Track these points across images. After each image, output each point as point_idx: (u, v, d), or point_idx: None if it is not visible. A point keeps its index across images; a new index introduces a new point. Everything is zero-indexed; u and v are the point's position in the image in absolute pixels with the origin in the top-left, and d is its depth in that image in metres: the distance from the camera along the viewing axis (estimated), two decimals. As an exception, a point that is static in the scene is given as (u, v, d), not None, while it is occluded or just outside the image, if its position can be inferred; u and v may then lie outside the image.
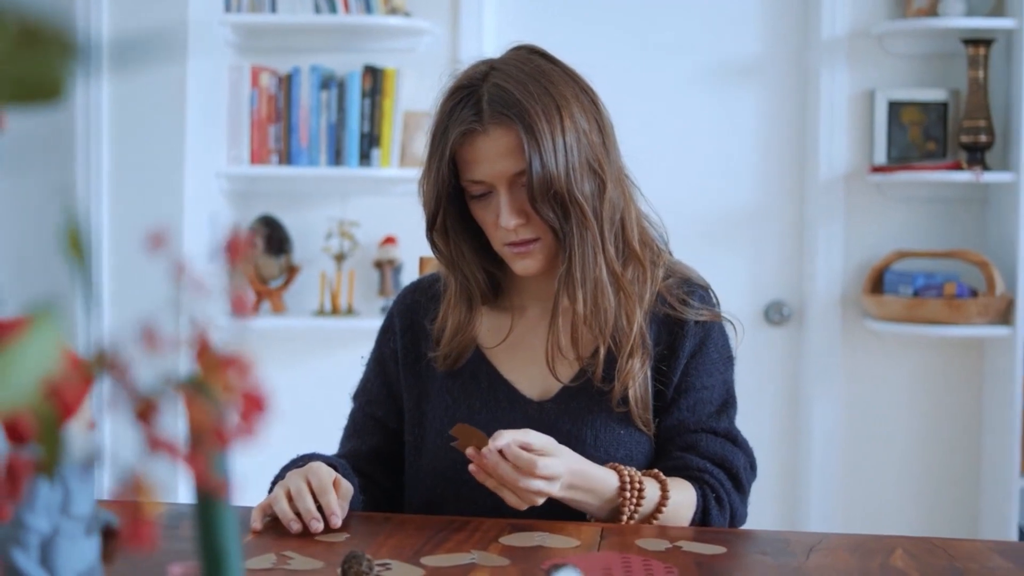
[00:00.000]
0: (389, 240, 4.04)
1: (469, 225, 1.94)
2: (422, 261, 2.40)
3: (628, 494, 1.78)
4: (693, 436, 1.92)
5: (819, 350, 4.01)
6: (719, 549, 1.65)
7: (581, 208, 1.84)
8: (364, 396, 2.06)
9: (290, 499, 1.71)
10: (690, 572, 1.54)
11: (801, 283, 4.07)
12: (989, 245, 3.91)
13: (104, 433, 3.43)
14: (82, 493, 0.97)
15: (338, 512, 1.69)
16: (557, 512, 1.79)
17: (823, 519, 3.99)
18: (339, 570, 1.45)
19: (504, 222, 1.84)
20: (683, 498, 1.83)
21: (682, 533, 1.74)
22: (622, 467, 1.81)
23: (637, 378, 1.89)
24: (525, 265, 1.90)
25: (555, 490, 1.71)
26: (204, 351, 0.60)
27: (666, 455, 1.92)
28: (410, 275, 3.95)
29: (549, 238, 1.88)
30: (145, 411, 0.62)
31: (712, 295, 2.01)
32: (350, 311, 4.03)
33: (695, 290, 1.98)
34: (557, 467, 1.70)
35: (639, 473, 1.81)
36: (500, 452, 1.68)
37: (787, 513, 4.05)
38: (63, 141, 3.79)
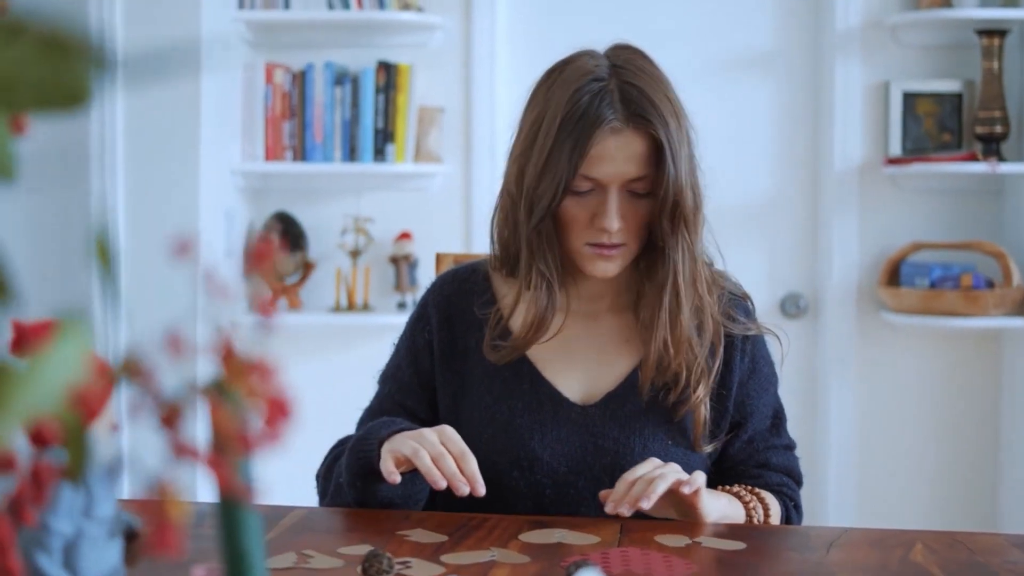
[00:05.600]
0: (404, 236, 4.04)
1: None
2: (439, 257, 2.39)
3: (755, 514, 1.83)
4: (764, 454, 1.97)
5: (835, 342, 4.00)
6: (739, 545, 1.65)
7: (687, 225, 1.82)
8: (394, 383, 2.00)
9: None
10: (711, 568, 1.54)
11: (817, 275, 4.07)
12: (1005, 236, 3.90)
13: (126, 438, 3.44)
14: (105, 496, 0.97)
15: (481, 480, 1.67)
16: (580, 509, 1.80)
17: (839, 512, 3.98)
18: (359, 568, 1.45)
19: (609, 224, 1.79)
20: (775, 512, 1.89)
21: (703, 529, 1.74)
22: (734, 488, 1.86)
23: (704, 403, 1.89)
24: (605, 267, 1.85)
25: (668, 472, 1.71)
26: (229, 356, 0.60)
27: (745, 475, 1.94)
28: (426, 271, 3.96)
29: (635, 246, 1.86)
30: (170, 417, 0.62)
31: (752, 306, 2.01)
32: (366, 307, 4.03)
33: (738, 303, 1.98)
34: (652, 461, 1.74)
35: (748, 491, 1.87)
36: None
37: (804, 505, 4.03)
38: (78, 142, 3.79)
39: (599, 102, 1.78)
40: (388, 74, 3.97)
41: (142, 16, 3.67)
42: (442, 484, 1.66)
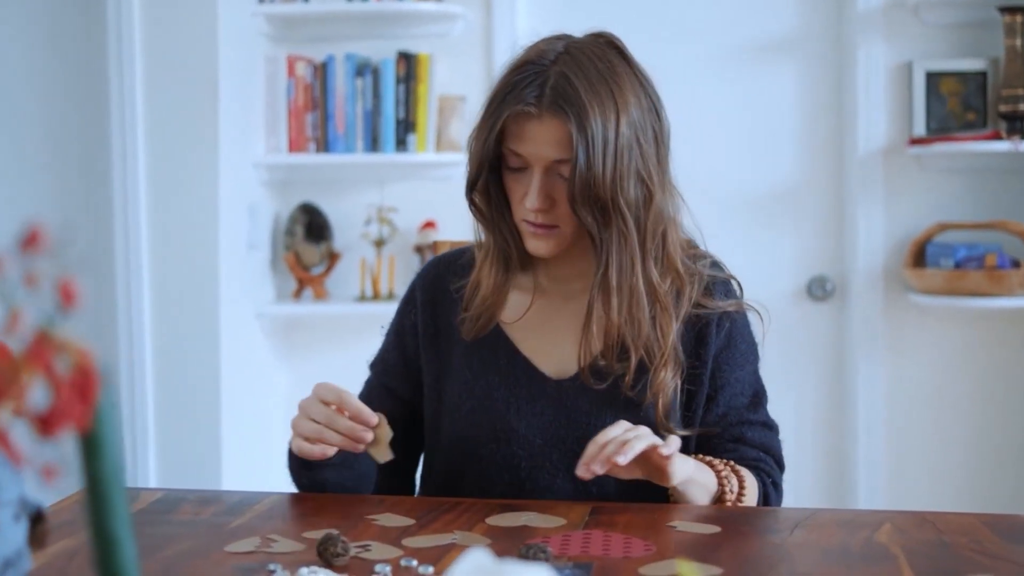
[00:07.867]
0: (428, 225, 4.06)
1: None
2: (435, 246, 2.40)
3: (727, 484, 1.81)
4: (739, 429, 1.95)
5: (862, 325, 3.97)
6: (714, 528, 1.64)
7: (623, 216, 1.81)
8: (380, 366, 2.06)
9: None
10: (669, 549, 1.54)
11: (843, 258, 4.04)
12: (1031, 215, 3.86)
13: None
14: (9, 480, 0.99)
15: (368, 414, 1.74)
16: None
17: (870, 495, 3.96)
18: (316, 551, 1.47)
19: (529, 203, 1.83)
20: (751, 485, 1.87)
21: (678, 514, 1.73)
22: (706, 458, 1.85)
23: (668, 389, 1.88)
24: (537, 246, 1.88)
25: (642, 434, 1.70)
26: (30, 339, 0.61)
27: (719, 448, 1.93)
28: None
29: (569, 229, 1.86)
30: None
31: (735, 285, 2.00)
32: (391, 296, 4.05)
33: (718, 284, 1.97)
34: (622, 425, 1.72)
35: (722, 462, 1.85)
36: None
37: (833, 489, 4.02)
38: (98, 135, 3.84)
39: (525, 85, 1.81)
40: (408, 64, 3.99)
41: (160, 12, 3.71)
42: (331, 452, 1.75)
